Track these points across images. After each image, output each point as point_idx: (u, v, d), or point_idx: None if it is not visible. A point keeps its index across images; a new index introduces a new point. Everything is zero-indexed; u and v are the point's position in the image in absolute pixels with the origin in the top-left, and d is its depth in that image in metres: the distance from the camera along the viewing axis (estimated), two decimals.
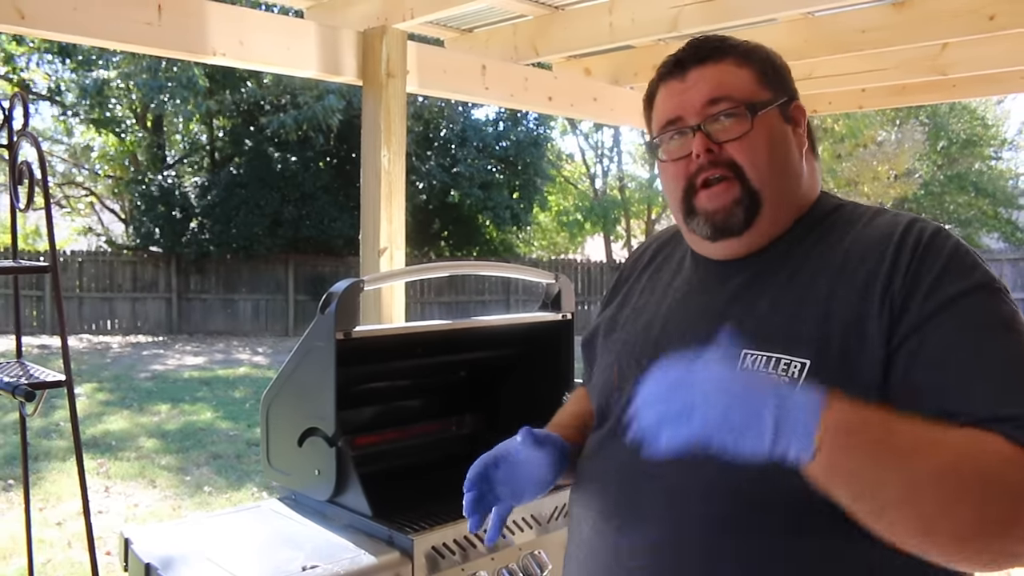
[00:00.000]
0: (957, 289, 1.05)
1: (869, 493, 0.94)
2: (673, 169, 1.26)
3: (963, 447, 0.95)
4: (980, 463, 0.93)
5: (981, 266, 1.09)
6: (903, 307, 1.06)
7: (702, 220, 1.23)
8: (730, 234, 1.22)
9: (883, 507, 0.94)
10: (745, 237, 1.22)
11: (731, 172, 1.20)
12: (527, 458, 1.31)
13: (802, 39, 3.50)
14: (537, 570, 1.88)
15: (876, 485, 0.93)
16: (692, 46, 1.27)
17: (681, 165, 1.24)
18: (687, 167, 1.23)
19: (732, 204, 1.20)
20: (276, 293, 17.26)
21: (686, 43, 1.29)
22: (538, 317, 2.34)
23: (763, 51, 1.27)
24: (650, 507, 1.17)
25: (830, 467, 0.93)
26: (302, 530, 1.87)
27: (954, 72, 3.85)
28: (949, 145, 21.03)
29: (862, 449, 0.93)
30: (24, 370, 2.31)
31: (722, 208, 1.21)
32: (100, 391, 9.86)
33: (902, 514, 0.94)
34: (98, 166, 19.50)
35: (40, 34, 2.68)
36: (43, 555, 4.62)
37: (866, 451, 0.93)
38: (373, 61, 3.18)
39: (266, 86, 15.98)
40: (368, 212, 3.21)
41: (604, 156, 23.60)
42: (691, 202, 1.24)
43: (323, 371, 1.83)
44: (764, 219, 1.21)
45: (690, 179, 1.23)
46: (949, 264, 1.07)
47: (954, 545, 0.94)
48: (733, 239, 1.22)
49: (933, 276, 1.06)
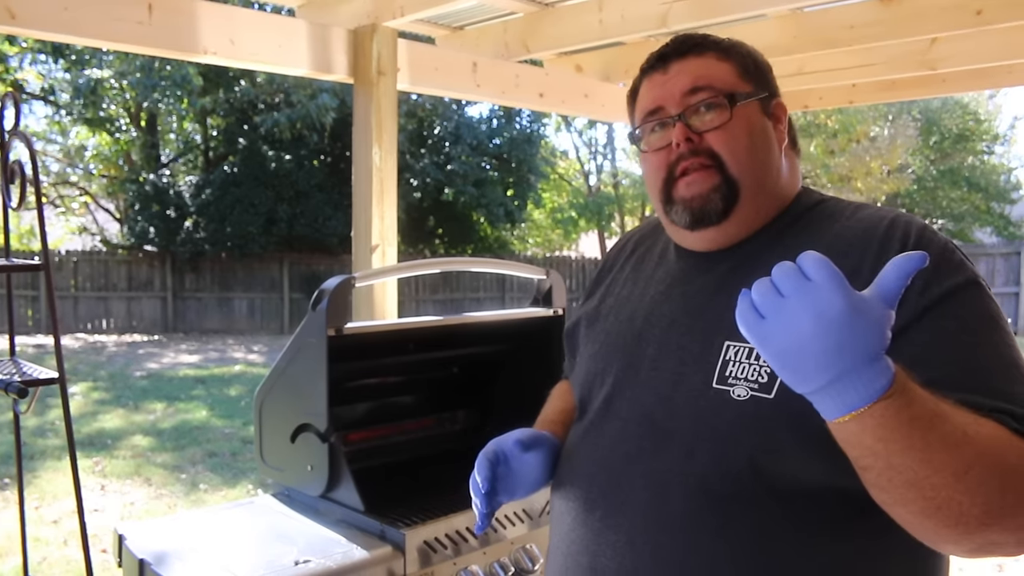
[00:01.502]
0: (945, 288, 1.06)
1: (884, 468, 0.90)
2: (654, 159, 1.28)
3: (988, 439, 0.91)
4: (1001, 456, 0.91)
5: (967, 263, 1.11)
6: None
7: (680, 208, 1.24)
8: (708, 222, 1.23)
9: (894, 483, 0.90)
10: (723, 226, 1.23)
11: (710, 161, 1.21)
12: (523, 460, 1.33)
13: (791, 35, 3.52)
14: (529, 564, 1.89)
15: (897, 467, 0.89)
16: (675, 42, 1.29)
17: (662, 155, 1.26)
18: (667, 156, 1.25)
19: (710, 191, 1.21)
20: (271, 291, 17.25)
21: (670, 40, 1.30)
22: (530, 313, 2.35)
23: (744, 48, 1.29)
24: (633, 496, 1.18)
25: (876, 426, 0.86)
26: (295, 525, 1.88)
27: (943, 67, 3.86)
28: (941, 140, 21.05)
29: (911, 425, 0.87)
30: (17, 368, 2.32)
31: (699, 195, 1.22)
32: (95, 390, 9.86)
33: (913, 495, 0.90)
34: (92, 165, 19.46)
35: (31, 34, 2.68)
36: (39, 553, 4.62)
37: (902, 433, 0.87)
38: (364, 59, 3.19)
39: (260, 85, 15.96)
40: (360, 209, 3.22)
41: (598, 153, 23.63)
42: (670, 191, 1.26)
43: (315, 367, 1.84)
44: (742, 208, 1.22)
45: (670, 168, 1.25)
46: (939, 263, 1.08)
47: (953, 527, 0.90)
48: (712, 228, 1.23)
49: (924, 274, 1.05)
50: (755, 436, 1.08)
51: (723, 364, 1.14)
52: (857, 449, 0.91)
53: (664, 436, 1.17)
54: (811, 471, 1.05)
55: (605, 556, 1.20)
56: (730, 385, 1.12)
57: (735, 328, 1.07)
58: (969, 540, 0.92)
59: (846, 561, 1.09)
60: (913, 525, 0.94)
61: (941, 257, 1.09)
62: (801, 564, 1.09)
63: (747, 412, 1.10)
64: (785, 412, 1.05)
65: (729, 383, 1.12)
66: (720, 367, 1.14)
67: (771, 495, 1.08)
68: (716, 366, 1.15)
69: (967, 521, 0.89)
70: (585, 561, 1.24)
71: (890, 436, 0.87)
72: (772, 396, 1.08)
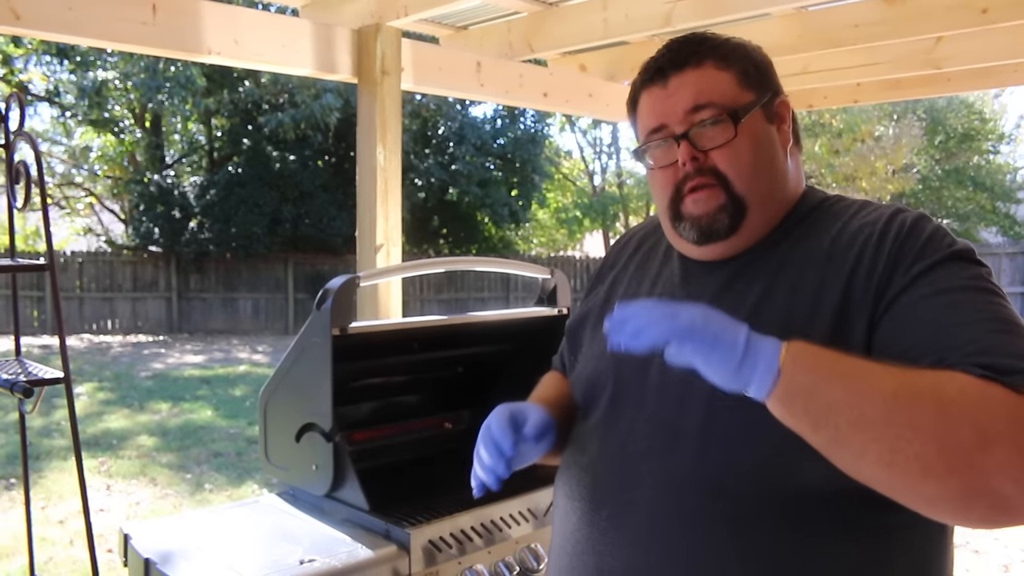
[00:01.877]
0: (931, 260, 1.08)
1: (825, 417, 0.96)
2: (661, 176, 1.27)
3: (921, 374, 0.96)
4: (937, 387, 0.93)
5: (959, 242, 1.12)
6: (887, 283, 1.08)
7: (688, 225, 1.24)
8: (716, 238, 1.23)
9: (842, 432, 0.95)
10: (731, 241, 1.23)
11: (715, 180, 1.21)
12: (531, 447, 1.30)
13: (796, 34, 3.51)
14: (534, 563, 1.88)
15: (832, 406, 0.95)
16: (671, 51, 1.26)
17: (668, 172, 1.26)
18: (674, 174, 1.25)
19: (717, 210, 1.22)
20: (275, 292, 17.28)
21: (664, 46, 1.28)
22: (534, 312, 2.35)
23: (743, 49, 1.27)
24: (641, 495, 1.18)
25: (790, 389, 0.97)
26: (300, 524, 1.88)
27: (948, 66, 3.85)
28: (947, 139, 21.00)
29: (819, 371, 0.97)
30: (23, 368, 2.33)
31: (707, 214, 1.22)
32: (101, 390, 9.87)
33: (862, 438, 0.93)
34: (97, 166, 19.50)
35: (35, 34, 2.69)
36: (45, 553, 4.64)
37: (822, 372, 0.97)
38: (368, 59, 3.19)
39: (264, 85, 15.98)
40: (364, 209, 3.22)
41: (602, 152, 23.64)
42: (678, 208, 1.25)
43: (320, 367, 1.84)
44: (749, 224, 1.22)
45: (677, 186, 1.25)
46: (928, 243, 1.10)
47: (924, 479, 0.92)
48: (719, 243, 1.24)
49: (913, 254, 1.09)
50: (769, 435, 1.07)
51: None
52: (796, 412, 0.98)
53: (674, 436, 1.16)
54: (823, 471, 1.05)
55: (612, 556, 1.20)
56: None
57: None
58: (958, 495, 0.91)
59: (854, 561, 1.09)
60: (895, 488, 0.96)
61: (929, 240, 1.11)
62: (810, 563, 1.09)
63: (761, 408, 1.08)
64: None
65: None
66: None
67: (783, 495, 1.08)
68: None
69: (931, 464, 0.90)
70: (591, 561, 1.23)
71: (809, 382, 0.97)
72: None
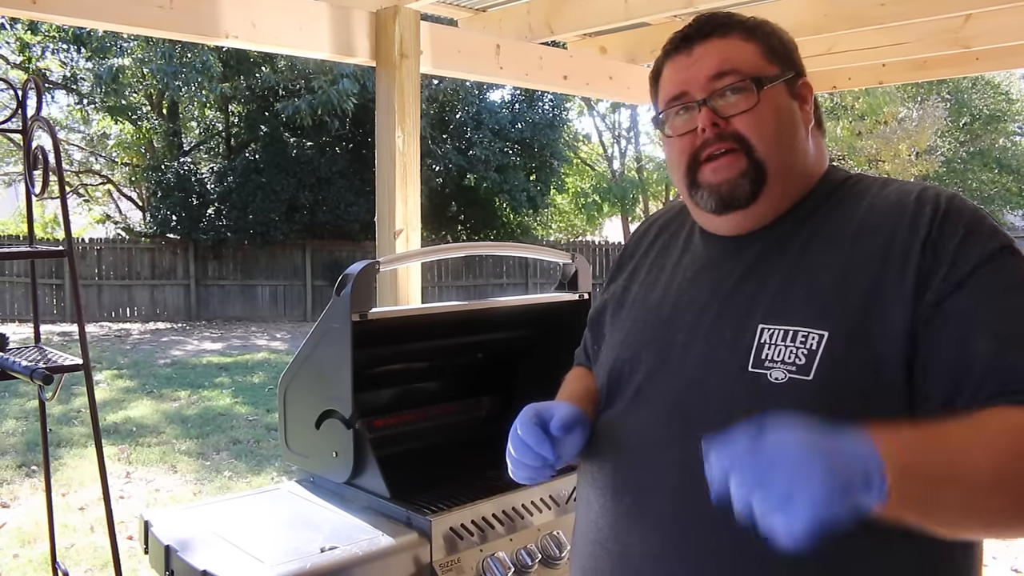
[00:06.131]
0: (979, 256, 1.05)
1: (931, 513, 0.95)
2: (679, 143, 1.26)
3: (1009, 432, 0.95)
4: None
5: (999, 229, 1.10)
6: (927, 277, 1.05)
7: (706, 193, 1.23)
8: (736, 206, 1.21)
9: (944, 521, 0.97)
10: (751, 209, 1.21)
11: (737, 145, 1.19)
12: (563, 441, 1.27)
13: (821, 13, 3.44)
14: (556, 550, 1.86)
15: (938, 503, 0.94)
16: (698, 21, 1.26)
17: (687, 139, 1.24)
18: (692, 141, 1.23)
19: (738, 176, 1.19)
20: (293, 279, 17.32)
21: (692, 19, 1.28)
22: (555, 297, 2.32)
23: (769, 26, 1.27)
24: (664, 482, 1.17)
25: (898, 507, 0.91)
26: (320, 512, 1.87)
27: (977, 44, 3.77)
28: (972, 121, 20.76)
29: (922, 475, 0.92)
30: (42, 354, 2.32)
31: (727, 180, 1.20)
32: (120, 378, 9.95)
33: (967, 522, 0.97)
34: (115, 154, 19.60)
35: (52, 19, 2.68)
36: (66, 540, 4.67)
37: (925, 475, 0.93)
38: (386, 41, 3.15)
39: (280, 71, 15.97)
40: (383, 194, 3.19)
41: (621, 137, 23.50)
42: (695, 176, 1.24)
43: (339, 353, 1.82)
44: (770, 191, 1.20)
45: (694, 153, 1.23)
46: (970, 230, 1.07)
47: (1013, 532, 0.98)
48: (739, 212, 1.22)
49: (955, 244, 1.06)
50: None
51: (758, 347, 1.12)
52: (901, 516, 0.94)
53: (697, 422, 1.15)
54: None
55: (634, 543, 1.19)
56: (766, 368, 1.11)
57: (768, 311, 1.04)
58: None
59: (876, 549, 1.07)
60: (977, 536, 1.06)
61: (971, 227, 1.08)
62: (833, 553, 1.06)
63: (786, 395, 1.08)
64: (826, 393, 1.05)
65: (765, 366, 1.11)
66: (756, 350, 1.12)
67: None
68: (751, 350, 1.13)
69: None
70: (614, 548, 1.22)
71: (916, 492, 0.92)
72: (811, 377, 1.07)
